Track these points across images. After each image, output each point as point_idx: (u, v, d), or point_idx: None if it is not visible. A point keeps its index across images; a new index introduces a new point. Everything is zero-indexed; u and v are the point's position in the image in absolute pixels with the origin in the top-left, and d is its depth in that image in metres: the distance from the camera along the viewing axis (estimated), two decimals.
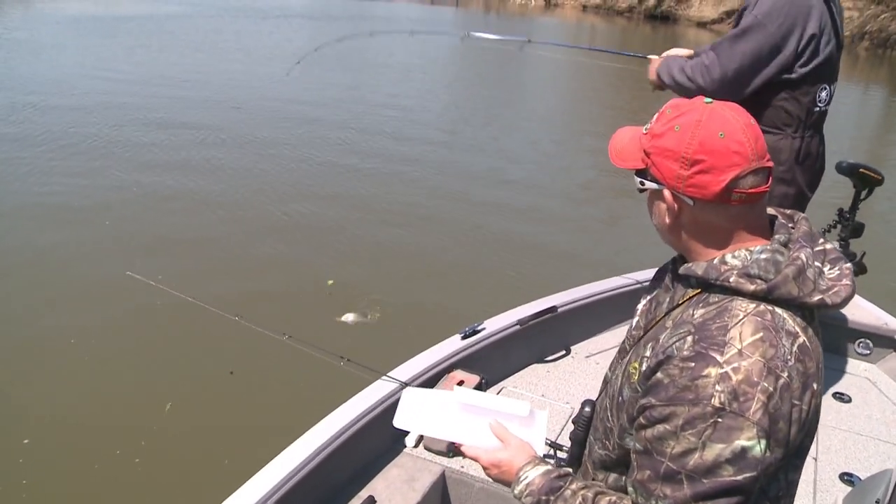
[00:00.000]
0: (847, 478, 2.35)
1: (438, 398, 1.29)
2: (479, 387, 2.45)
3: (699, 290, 1.04)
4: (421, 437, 2.32)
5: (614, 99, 14.32)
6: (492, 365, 2.67)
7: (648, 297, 1.21)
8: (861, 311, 3.16)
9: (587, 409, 1.27)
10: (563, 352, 2.96)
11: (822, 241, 1.06)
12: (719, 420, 0.91)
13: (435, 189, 7.65)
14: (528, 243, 6.28)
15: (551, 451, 2.00)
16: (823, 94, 2.40)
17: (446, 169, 8.46)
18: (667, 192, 1.02)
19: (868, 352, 3.10)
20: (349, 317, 4.29)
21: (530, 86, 15.64)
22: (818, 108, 2.41)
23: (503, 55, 17.11)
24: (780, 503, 0.99)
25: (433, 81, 14.93)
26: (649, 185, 1.05)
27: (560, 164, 9.18)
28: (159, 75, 12.88)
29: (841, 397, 2.85)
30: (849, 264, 1.04)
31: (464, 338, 2.61)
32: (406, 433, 2.34)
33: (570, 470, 1.20)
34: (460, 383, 2.42)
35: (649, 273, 2.91)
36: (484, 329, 2.67)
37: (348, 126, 10.10)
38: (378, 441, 2.26)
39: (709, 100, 1.01)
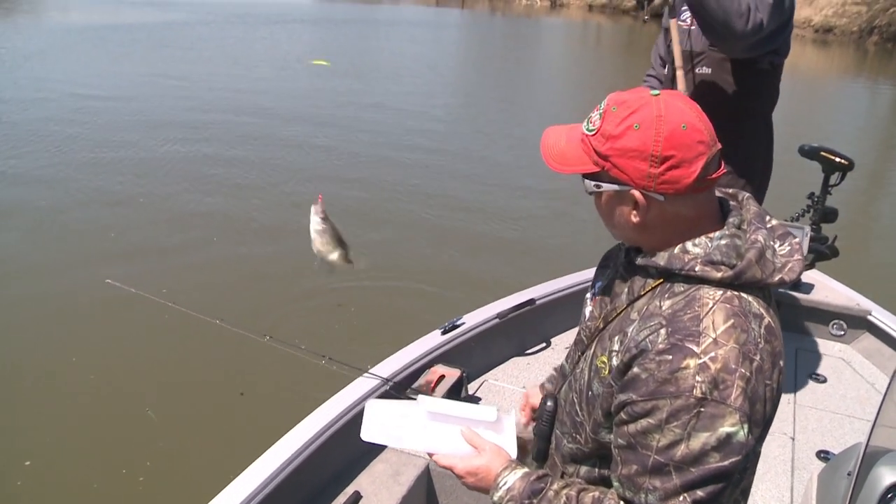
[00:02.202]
0: (824, 455, 2.38)
1: (403, 408, 1.25)
2: (461, 381, 2.47)
3: (661, 280, 1.04)
4: None
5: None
6: (473, 359, 2.69)
7: (600, 287, 1.20)
8: (834, 294, 3.20)
9: (549, 403, 1.24)
10: (544, 344, 2.98)
11: (768, 218, 1.07)
12: (702, 409, 0.92)
13: (414, 189, 7.71)
14: (503, 239, 6.38)
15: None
16: None
17: (429, 170, 8.54)
18: (635, 192, 1.00)
19: (842, 332, 3.13)
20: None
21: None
22: None
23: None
24: (747, 473, 1.01)
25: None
26: (608, 187, 1.03)
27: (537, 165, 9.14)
28: (138, 83, 12.97)
29: (817, 378, 2.88)
30: (797, 238, 1.06)
31: (444, 332, 2.64)
32: None
33: (548, 471, 1.18)
34: (441, 378, 2.44)
35: None
36: (464, 323, 2.71)
37: (325, 128, 10.17)
38: None
39: (655, 91, 1.01)
